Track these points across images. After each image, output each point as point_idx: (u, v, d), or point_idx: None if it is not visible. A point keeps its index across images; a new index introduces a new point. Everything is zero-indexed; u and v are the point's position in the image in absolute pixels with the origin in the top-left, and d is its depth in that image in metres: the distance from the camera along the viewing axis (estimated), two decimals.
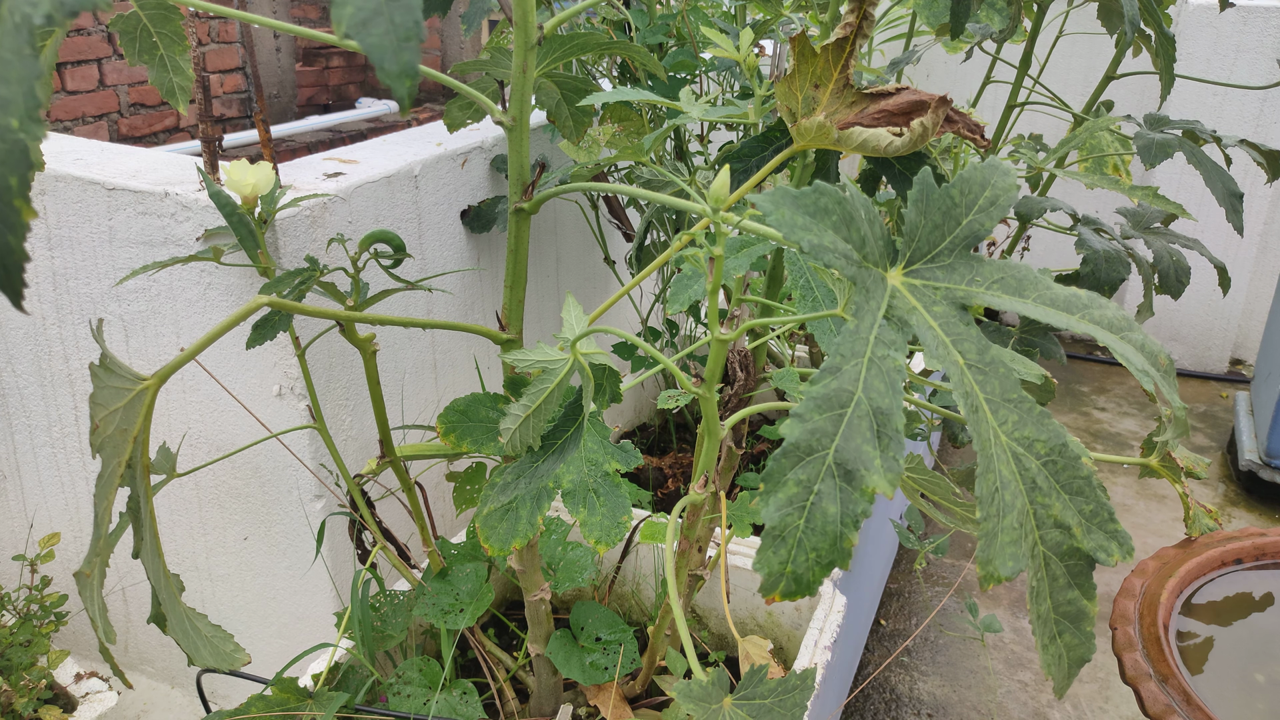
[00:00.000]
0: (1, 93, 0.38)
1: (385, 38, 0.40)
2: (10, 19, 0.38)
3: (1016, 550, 0.46)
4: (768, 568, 0.46)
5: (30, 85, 0.38)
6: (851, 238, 0.49)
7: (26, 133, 0.38)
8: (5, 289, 0.39)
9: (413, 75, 0.40)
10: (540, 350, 0.72)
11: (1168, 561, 0.98)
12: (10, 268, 0.39)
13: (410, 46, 0.40)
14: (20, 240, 0.39)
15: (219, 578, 1.42)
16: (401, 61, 0.40)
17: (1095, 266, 1.30)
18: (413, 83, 0.40)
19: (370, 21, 0.40)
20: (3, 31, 0.38)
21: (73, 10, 0.39)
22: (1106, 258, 1.31)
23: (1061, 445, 0.48)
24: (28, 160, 0.38)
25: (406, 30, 0.40)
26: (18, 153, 0.38)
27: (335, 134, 3.74)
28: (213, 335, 0.59)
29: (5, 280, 0.39)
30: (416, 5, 0.40)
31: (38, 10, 0.39)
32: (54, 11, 0.39)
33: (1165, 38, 1.25)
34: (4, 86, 0.38)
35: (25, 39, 0.38)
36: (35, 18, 0.39)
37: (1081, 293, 0.52)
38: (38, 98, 0.39)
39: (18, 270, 0.39)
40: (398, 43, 0.40)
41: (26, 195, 0.38)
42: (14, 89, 0.38)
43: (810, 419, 0.46)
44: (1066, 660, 0.48)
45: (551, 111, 0.97)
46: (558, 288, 1.81)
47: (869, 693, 1.82)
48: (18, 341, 1.39)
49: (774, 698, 0.65)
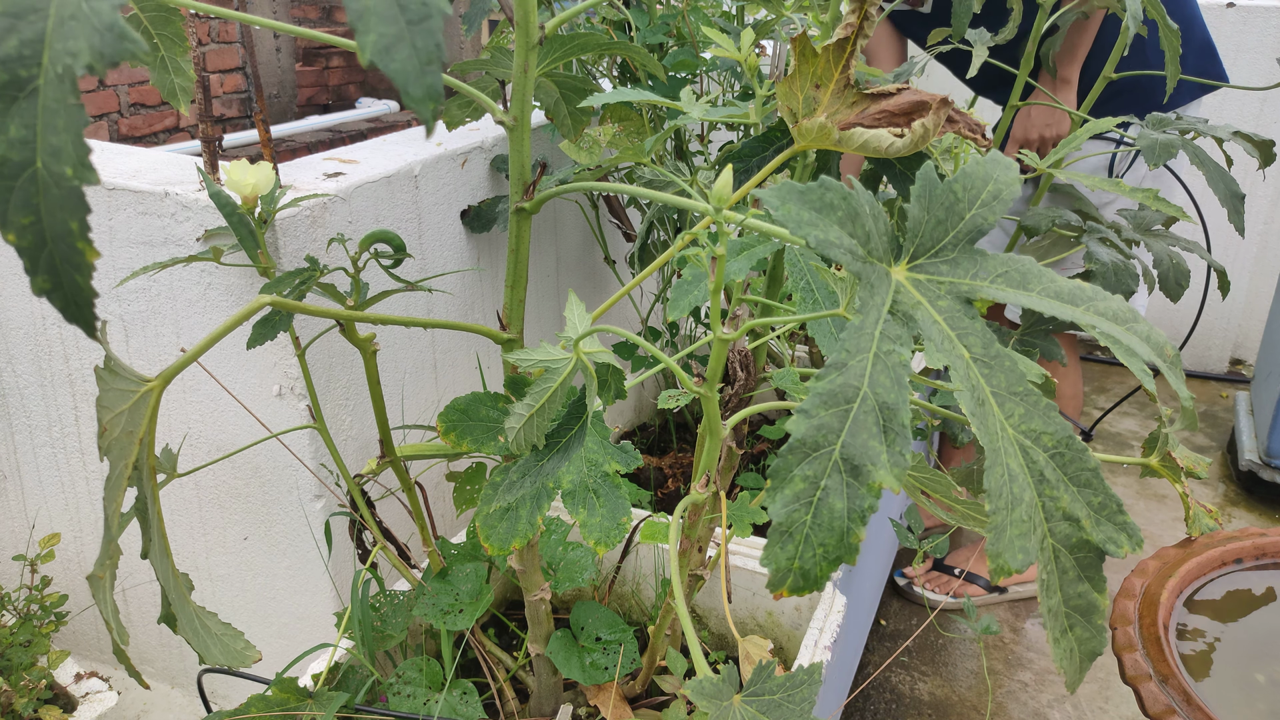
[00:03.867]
0: (53, 141, 0.40)
1: (409, 63, 0.40)
2: (53, 69, 0.40)
3: (1026, 543, 0.46)
4: (775, 564, 0.46)
5: (78, 132, 0.40)
6: (856, 233, 0.49)
7: (80, 179, 0.40)
8: (79, 323, 0.42)
9: (437, 98, 0.40)
10: (543, 349, 0.72)
11: (1168, 561, 0.98)
12: (81, 304, 0.41)
13: (433, 70, 0.40)
14: (87, 279, 0.41)
15: (219, 578, 1.42)
16: (425, 85, 0.40)
17: (1104, 280, 1.30)
18: (436, 105, 0.40)
19: (393, 48, 0.40)
20: (47, 82, 0.40)
21: (113, 61, 0.40)
22: (1115, 270, 1.31)
23: (1068, 437, 0.48)
24: (85, 205, 0.40)
25: (429, 54, 0.40)
26: (75, 198, 0.40)
27: (335, 134, 3.74)
28: (215, 336, 0.59)
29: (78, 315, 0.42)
30: (438, 29, 0.40)
31: (79, 61, 0.40)
32: (95, 62, 0.40)
33: (1170, 30, 1.25)
34: (54, 135, 0.40)
35: (69, 89, 0.40)
36: (77, 68, 0.40)
37: (1086, 285, 0.52)
38: (86, 145, 0.40)
39: (89, 306, 0.42)
40: (421, 67, 0.40)
41: (88, 237, 0.40)
42: (63, 137, 0.40)
43: (816, 415, 0.46)
44: (1078, 654, 0.48)
45: (551, 111, 0.97)
46: (558, 288, 1.81)
47: (869, 693, 1.82)
48: (18, 341, 1.39)
49: (782, 693, 0.65)
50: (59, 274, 0.41)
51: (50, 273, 0.41)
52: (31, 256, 0.40)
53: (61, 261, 0.40)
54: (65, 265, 0.40)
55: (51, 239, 0.40)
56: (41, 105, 0.40)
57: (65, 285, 0.41)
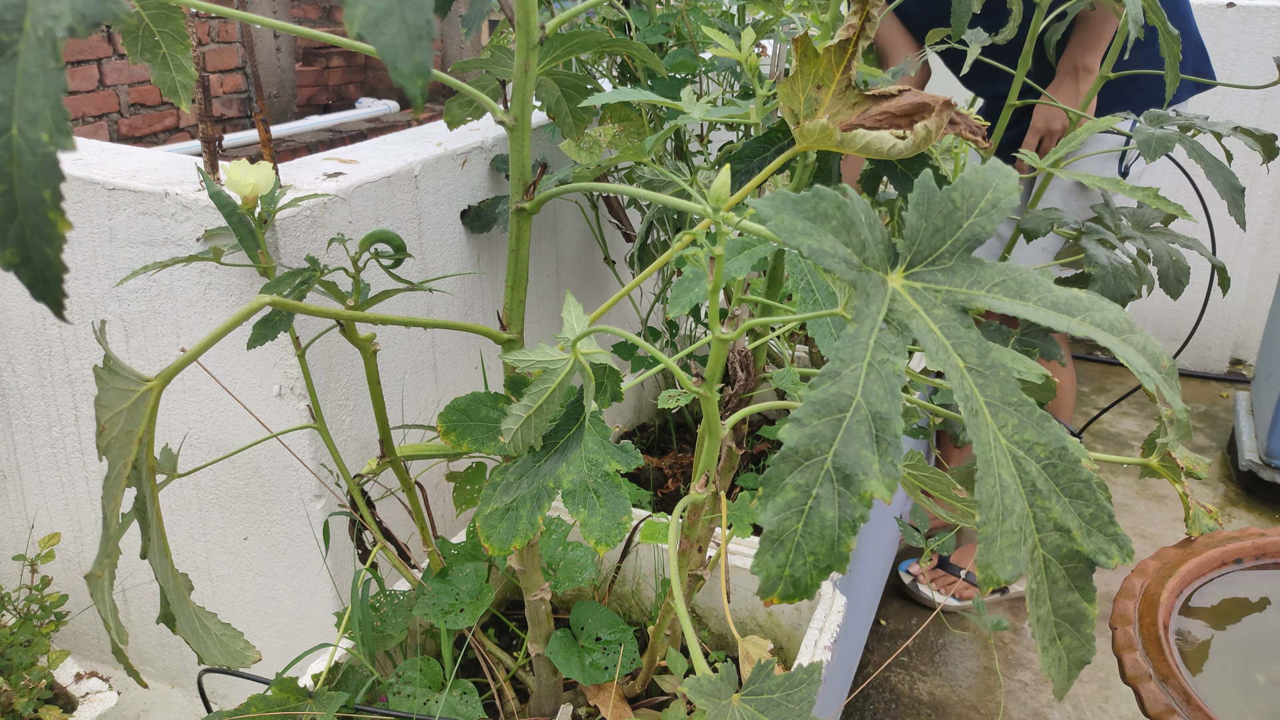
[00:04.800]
0: (29, 106, 0.38)
1: (397, 37, 0.40)
2: (34, 33, 0.39)
3: (1016, 554, 0.46)
4: (766, 571, 0.46)
5: (57, 98, 0.39)
6: (852, 242, 0.49)
7: (56, 145, 0.39)
8: (46, 300, 0.40)
9: (425, 74, 0.40)
10: (541, 350, 0.72)
11: (1168, 561, 0.98)
12: (50, 279, 0.40)
13: (422, 46, 0.40)
14: (57, 252, 0.39)
15: (219, 578, 1.42)
16: (414, 61, 0.40)
17: (1104, 283, 1.30)
18: (424, 82, 0.40)
19: (382, 21, 0.39)
20: (27, 45, 0.39)
21: (95, 21, 0.39)
22: (1115, 273, 1.30)
23: (1061, 448, 0.48)
24: (59, 172, 0.39)
25: (418, 29, 0.40)
26: (49, 165, 0.39)
27: (335, 134, 3.73)
28: (215, 336, 0.59)
29: (46, 292, 0.40)
30: (428, 4, 0.40)
31: (60, 23, 0.39)
32: (76, 24, 0.39)
33: (1170, 35, 1.25)
34: (31, 100, 0.38)
35: (50, 52, 0.39)
36: (58, 30, 0.39)
37: (1083, 295, 0.52)
38: (65, 110, 0.39)
39: (57, 282, 0.40)
40: (410, 42, 0.40)
41: (60, 207, 0.39)
42: (41, 102, 0.39)
43: (809, 424, 0.46)
44: (1066, 662, 0.48)
45: (552, 110, 0.97)
46: (558, 288, 1.81)
47: (869, 693, 1.82)
48: (18, 341, 1.39)
49: (781, 692, 0.65)
50: (29, 246, 0.39)
51: (19, 245, 0.39)
52: (0, 228, 0.39)
53: (32, 233, 0.39)
54: (35, 237, 0.39)
55: (23, 208, 0.39)
56: (20, 70, 0.38)
57: (34, 259, 0.39)
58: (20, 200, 0.39)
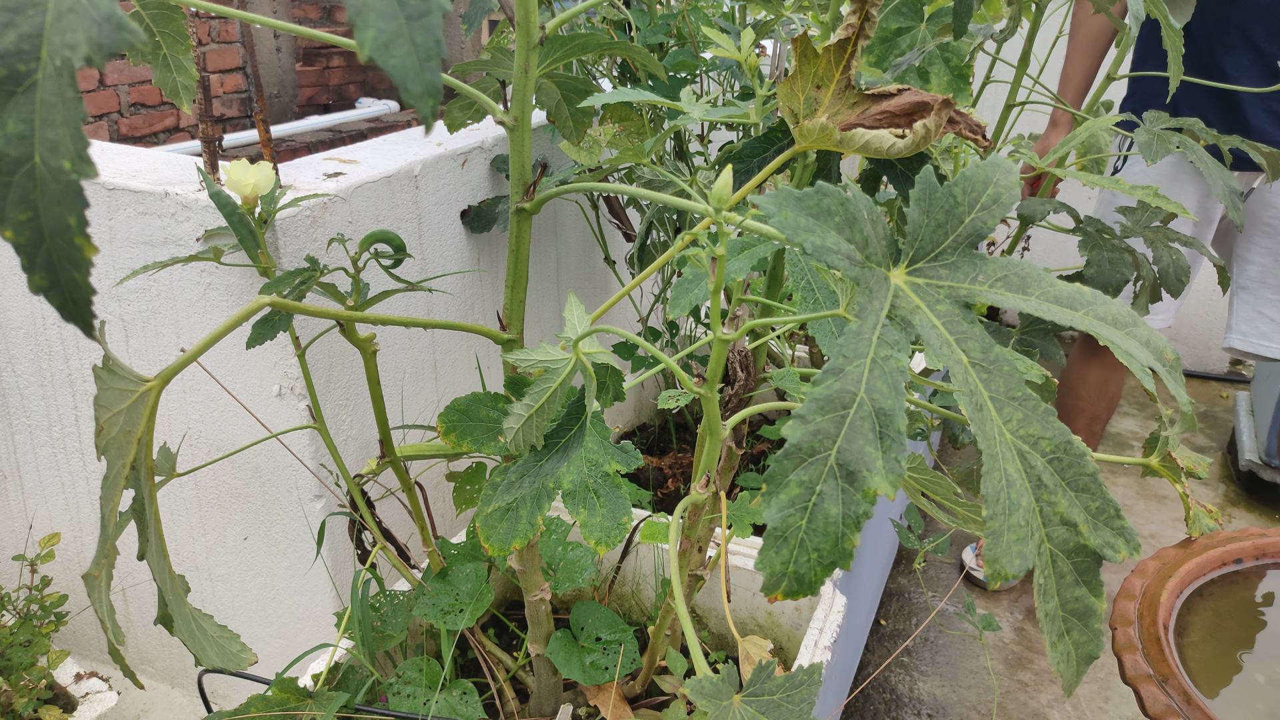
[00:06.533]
0: (50, 135, 0.39)
1: (407, 59, 0.40)
2: (51, 63, 0.39)
3: (1023, 548, 0.46)
4: (770, 568, 0.46)
5: (76, 126, 0.39)
6: (855, 238, 0.49)
7: (79, 173, 0.39)
8: (76, 320, 0.41)
9: (436, 95, 0.40)
10: (543, 350, 0.72)
11: (1168, 562, 0.98)
12: (79, 301, 0.41)
13: (432, 66, 0.40)
14: (85, 275, 0.40)
15: (219, 578, 1.42)
16: (424, 81, 0.40)
17: (1100, 269, 1.31)
18: (435, 101, 0.40)
19: (392, 44, 0.40)
20: (45, 75, 0.39)
21: (111, 51, 0.40)
22: (1110, 260, 1.31)
23: (1066, 442, 0.48)
24: (83, 199, 0.40)
25: (428, 50, 0.40)
26: (73, 192, 0.39)
27: (335, 134, 3.73)
28: (215, 336, 0.59)
29: (75, 313, 0.41)
30: (437, 25, 0.40)
31: (76, 53, 0.39)
32: (93, 54, 0.39)
33: (1172, 30, 1.25)
34: (51, 129, 0.39)
35: (68, 82, 0.39)
36: (75, 60, 0.39)
37: (1085, 289, 0.52)
38: (85, 138, 0.40)
39: (86, 303, 0.41)
40: (420, 63, 0.40)
41: (85, 232, 0.40)
42: (61, 131, 0.39)
43: (812, 420, 0.46)
44: (1075, 657, 0.48)
45: (552, 111, 0.97)
46: (558, 288, 1.81)
47: (869, 693, 1.82)
48: (18, 341, 1.39)
49: (782, 693, 0.65)
50: (56, 271, 0.40)
51: (48, 269, 0.40)
52: (29, 253, 0.40)
53: (59, 258, 0.40)
54: (63, 261, 0.40)
55: (49, 234, 0.40)
56: (39, 99, 0.39)
57: (63, 282, 0.40)
58: (47, 227, 0.40)
